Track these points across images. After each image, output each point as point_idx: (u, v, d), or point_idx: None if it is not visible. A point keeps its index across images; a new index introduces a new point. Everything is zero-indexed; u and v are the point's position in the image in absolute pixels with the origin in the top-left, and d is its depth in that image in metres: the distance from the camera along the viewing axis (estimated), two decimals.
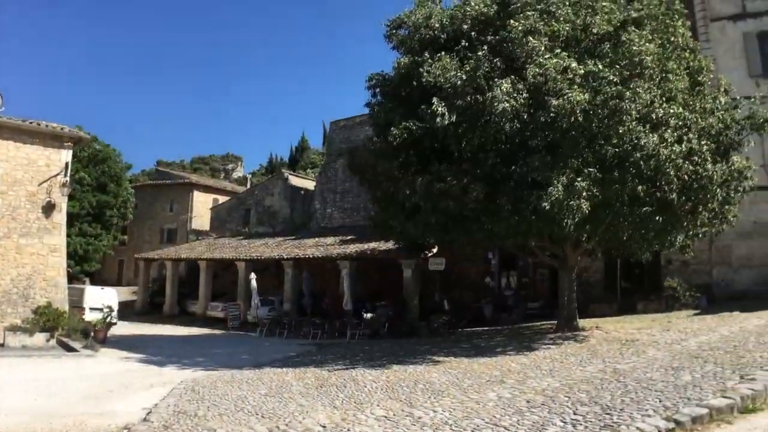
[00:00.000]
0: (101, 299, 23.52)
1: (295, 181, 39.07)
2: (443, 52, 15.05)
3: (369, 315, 22.07)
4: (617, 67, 13.89)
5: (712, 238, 21.29)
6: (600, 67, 13.76)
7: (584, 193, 13.06)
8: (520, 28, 14.28)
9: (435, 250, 23.02)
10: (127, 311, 31.12)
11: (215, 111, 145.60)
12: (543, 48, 13.98)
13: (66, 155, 20.85)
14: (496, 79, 13.93)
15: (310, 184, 38.32)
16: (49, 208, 20.15)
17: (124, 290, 37.82)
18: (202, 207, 45.97)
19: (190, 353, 18.10)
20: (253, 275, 27.08)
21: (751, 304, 19.51)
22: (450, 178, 14.13)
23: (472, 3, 16.51)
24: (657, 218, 14.35)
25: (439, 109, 13.88)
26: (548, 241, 16.77)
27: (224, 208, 41.45)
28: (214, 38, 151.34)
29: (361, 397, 10.36)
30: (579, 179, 13.16)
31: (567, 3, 15.41)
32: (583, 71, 13.63)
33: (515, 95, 13.52)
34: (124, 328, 24.19)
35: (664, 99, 14.48)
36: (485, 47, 14.99)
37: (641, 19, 15.46)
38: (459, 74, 14.26)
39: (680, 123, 14.22)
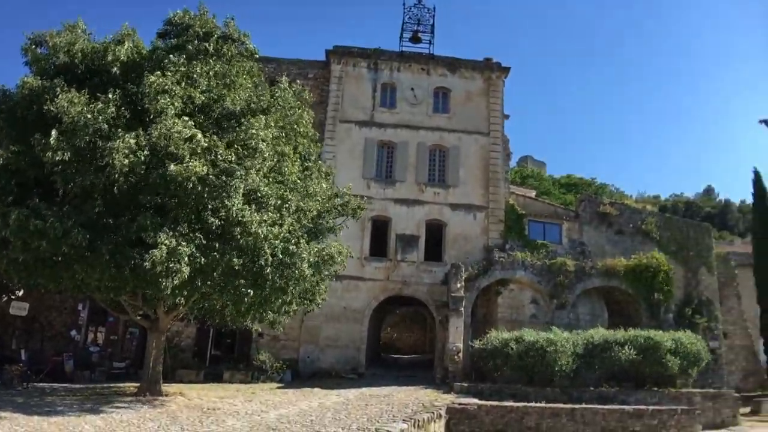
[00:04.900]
0: None
1: None
2: (75, 84, 14.22)
3: None
4: (235, 146, 14.78)
5: (303, 317, 23.41)
6: (220, 142, 14.44)
7: (186, 258, 13.27)
8: (155, 85, 14.23)
9: (20, 293, 21.07)
10: None
11: None
12: (174, 111, 14.10)
13: None
14: (120, 130, 13.53)
15: None
16: None
17: None
18: None
19: None
20: None
21: (332, 382, 21.78)
22: (50, 217, 13.02)
23: (126, 44, 15.92)
24: (251, 292, 15.14)
25: (54, 143, 12.93)
26: (142, 301, 16.36)
27: None
28: None
29: None
30: (184, 244, 13.36)
31: (209, 73, 15.97)
32: (206, 144, 14.08)
33: (137, 151, 13.30)
34: None
35: (273, 180, 15.76)
36: (119, 92, 14.55)
37: (270, 105, 16.82)
38: (83, 111, 13.44)
39: (282, 204, 15.46)
